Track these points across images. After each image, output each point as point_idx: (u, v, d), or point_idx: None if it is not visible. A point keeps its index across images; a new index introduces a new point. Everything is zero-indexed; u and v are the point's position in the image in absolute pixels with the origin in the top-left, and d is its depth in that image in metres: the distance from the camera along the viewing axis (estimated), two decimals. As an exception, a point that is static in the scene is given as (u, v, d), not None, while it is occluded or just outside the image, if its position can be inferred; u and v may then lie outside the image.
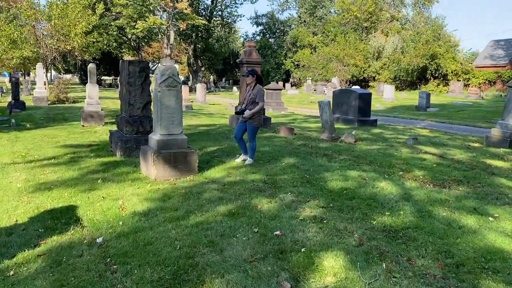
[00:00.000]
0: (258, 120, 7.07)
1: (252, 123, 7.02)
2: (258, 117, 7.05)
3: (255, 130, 7.09)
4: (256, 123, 7.05)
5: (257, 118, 7.04)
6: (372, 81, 44.95)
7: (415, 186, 5.71)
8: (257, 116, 7.03)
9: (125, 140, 7.69)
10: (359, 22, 49.48)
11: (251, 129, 7.03)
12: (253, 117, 6.99)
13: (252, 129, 7.03)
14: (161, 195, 5.02)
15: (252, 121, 7.01)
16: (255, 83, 7.13)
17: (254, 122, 7.02)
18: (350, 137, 10.06)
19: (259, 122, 7.10)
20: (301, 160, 7.29)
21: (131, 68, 7.80)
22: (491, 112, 21.71)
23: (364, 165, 7.09)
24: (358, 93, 14.97)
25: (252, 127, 7.03)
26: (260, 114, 7.11)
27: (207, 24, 46.72)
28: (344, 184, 5.63)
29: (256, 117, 7.01)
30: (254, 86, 7.12)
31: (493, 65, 39.99)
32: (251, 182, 5.71)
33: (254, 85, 7.12)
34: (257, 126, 7.10)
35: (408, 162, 7.48)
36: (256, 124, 7.06)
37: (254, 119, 7.01)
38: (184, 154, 6.13)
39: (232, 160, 7.24)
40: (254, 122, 7.02)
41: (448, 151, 8.93)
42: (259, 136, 10.21)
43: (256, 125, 7.05)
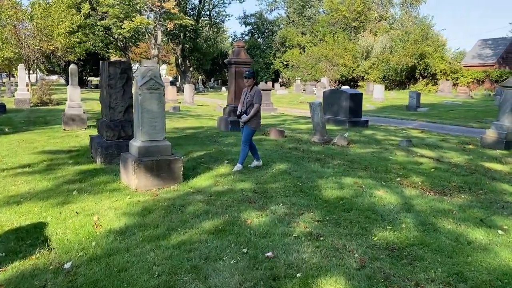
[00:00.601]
0: (256, 123, 6.93)
1: (250, 125, 6.79)
2: (255, 120, 6.89)
3: (252, 133, 6.88)
4: (254, 126, 6.86)
5: (255, 120, 6.88)
6: (361, 80, 44.81)
7: (415, 195, 5.35)
8: (254, 119, 6.85)
9: (105, 146, 7.22)
10: (348, 22, 49.31)
11: (247, 132, 6.78)
12: (251, 120, 6.80)
13: (249, 132, 6.80)
14: (140, 208, 4.58)
15: (250, 124, 6.80)
16: (253, 85, 6.92)
17: (252, 125, 6.82)
18: (343, 139, 9.70)
19: (257, 125, 6.97)
20: (292, 166, 6.90)
21: (111, 70, 7.33)
22: (481, 112, 21.59)
23: (359, 170, 6.72)
24: (349, 94, 14.65)
25: (249, 130, 6.81)
26: (258, 118, 6.97)
27: (195, 24, 46.15)
28: (340, 193, 5.25)
29: (253, 120, 6.83)
30: (252, 88, 6.89)
31: (481, 64, 40.12)
32: (240, 191, 5.29)
33: (252, 87, 6.90)
34: (255, 129, 6.92)
35: (404, 166, 7.14)
36: (254, 127, 6.87)
37: (252, 121, 6.82)
38: (167, 162, 5.70)
39: (220, 166, 6.82)
40: (252, 125, 6.82)
41: (444, 154, 8.63)
42: (248, 140, 9.81)
43: (253, 128, 6.86)
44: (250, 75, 6.86)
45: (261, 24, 59.37)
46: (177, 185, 5.66)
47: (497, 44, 40.98)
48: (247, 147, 6.85)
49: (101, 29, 41.24)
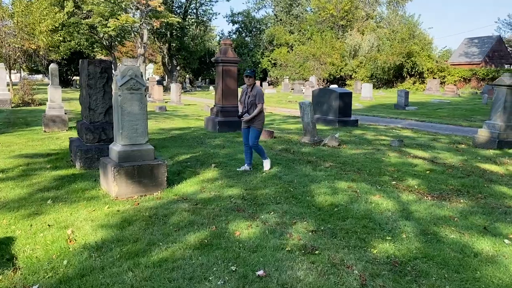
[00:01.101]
0: (261, 123, 6.65)
1: (255, 126, 6.57)
2: (259, 121, 6.63)
3: (259, 134, 6.69)
4: (259, 127, 6.61)
5: (259, 121, 6.63)
6: (349, 79, 44.78)
7: (412, 200, 5.08)
8: (258, 120, 6.61)
9: (85, 150, 6.82)
10: (335, 20, 49.24)
11: (254, 133, 6.58)
12: (255, 120, 6.55)
13: (256, 134, 6.61)
14: (120, 220, 4.21)
15: (255, 125, 6.57)
16: (254, 84, 6.66)
17: (257, 126, 6.61)
18: (334, 140, 9.43)
19: (262, 125, 6.71)
20: (283, 169, 6.59)
21: (91, 69, 6.93)
22: (469, 110, 21.58)
23: (353, 173, 6.44)
24: (339, 93, 14.41)
25: (256, 131, 6.60)
26: (261, 117, 6.68)
27: (182, 22, 45.56)
28: (334, 199, 4.95)
29: (257, 121, 6.60)
30: (253, 87, 6.64)
31: (468, 63, 40.39)
32: (228, 198, 4.96)
33: (252, 86, 6.65)
34: (260, 129, 6.66)
35: (399, 168, 6.88)
36: (260, 127, 6.62)
37: (256, 122, 6.58)
38: (150, 167, 5.34)
39: (207, 169, 6.47)
40: (257, 126, 6.61)
41: (438, 155, 8.40)
42: (237, 141, 9.48)
43: (259, 128, 6.62)
44: (251, 73, 6.58)
45: (248, 22, 59.00)
46: (161, 192, 5.30)
47: (483, 43, 41.29)
48: (259, 146, 6.68)
49: (86, 28, 40.43)
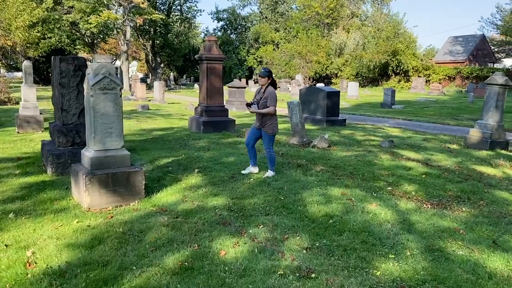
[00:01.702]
0: (272, 128, 6.15)
1: (266, 131, 6.11)
2: (271, 124, 6.13)
3: (271, 139, 6.21)
4: (270, 132, 6.14)
5: (271, 125, 6.13)
6: (334, 77, 44.63)
7: (411, 208, 4.71)
8: (270, 123, 6.11)
9: (57, 154, 6.28)
10: (321, 18, 49.02)
11: (266, 138, 6.16)
12: (266, 123, 6.08)
13: (268, 138, 6.16)
14: (89, 237, 3.73)
15: (266, 129, 6.11)
16: (267, 85, 6.14)
17: (268, 131, 6.12)
18: (323, 141, 9.05)
19: (274, 130, 6.18)
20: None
21: (63, 66, 6.38)
22: (456, 109, 21.51)
23: (345, 178, 6.05)
24: (326, 92, 14.06)
25: (268, 136, 6.15)
26: (274, 121, 6.17)
27: (166, 19, 44.82)
28: (328, 209, 4.55)
29: (269, 124, 6.11)
30: (266, 88, 6.12)
31: (452, 61, 40.59)
32: (213, 209, 4.51)
33: (266, 87, 6.12)
34: (273, 134, 6.17)
35: (393, 172, 6.52)
36: (271, 132, 6.15)
37: (267, 126, 6.10)
38: (126, 175, 4.85)
39: (190, 175, 6.01)
40: (268, 131, 6.12)
41: (431, 156, 8.09)
42: (222, 143, 9.03)
43: (271, 133, 6.15)
44: (265, 73, 6.10)
45: (234, 20, 58.42)
46: (138, 202, 4.83)
47: (468, 41, 41.55)
48: (272, 152, 6.22)
49: (67, 24, 39.31)
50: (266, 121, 6.07)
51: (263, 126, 6.11)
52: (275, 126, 6.14)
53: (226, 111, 11.40)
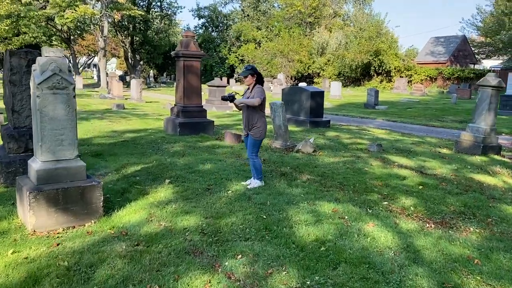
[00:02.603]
0: (259, 132, 5.44)
1: (253, 135, 5.44)
2: (259, 128, 5.42)
3: (256, 144, 5.52)
4: (257, 136, 5.44)
5: (258, 129, 5.42)
6: (316, 77, 44.24)
7: (413, 229, 4.09)
8: (258, 127, 5.41)
9: (6, 162, 5.46)
10: (303, 17, 48.58)
11: (251, 142, 5.49)
12: (254, 128, 5.41)
13: (253, 143, 5.49)
14: (24, 275, 2.97)
15: (253, 133, 5.43)
16: (254, 83, 5.43)
17: (255, 135, 5.43)
18: (308, 145, 8.41)
19: (261, 135, 5.48)
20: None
21: (14, 61, 5.56)
22: (440, 110, 21.24)
23: (335, 189, 5.42)
24: (310, 92, 13.46)
25: (253, 140, 5.47)
26: (262, 124, 5.45)
27: (145, 15, 43.62)
28: (319, 232, 3.88)
29: (257, 128, 5.40)
30: (253, 88, 5.43)
31: (434, 62, 40.64)
32: (182, 233, 3.80)
33: (253, 86, 5.44)
34: (259, 139, 5.48)
35: (386, 182, 5.92)
36: (258, 137, 5.45)
37: (254, 129, 5.40)
38: (80, 190, 4.09)
39: (160, 186, 5.27)
40: (255, 135, 5.43)
41: (423, 163, 7.54)
42: (199, 147, 8.30)
43: (257, 138, 5.46)
44: (247, 72, 5.35)
45: (215, 17, 57.47)
46: (95, 222, 4.08)
47: (449, 42, 41.68)
48: (257, 160, 5.51)
49: (42, 19, 37.70)
50: (254, 124, 5.37)
51: (250, 129, 5.42)
52: (262, 130, 5.43)
53: (204, 111, 10.66)
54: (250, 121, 5.38)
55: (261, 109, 5.40)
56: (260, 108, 5.37)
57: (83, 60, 72.77)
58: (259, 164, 5.50)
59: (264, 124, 5.43)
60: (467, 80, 35.57)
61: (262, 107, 5.40)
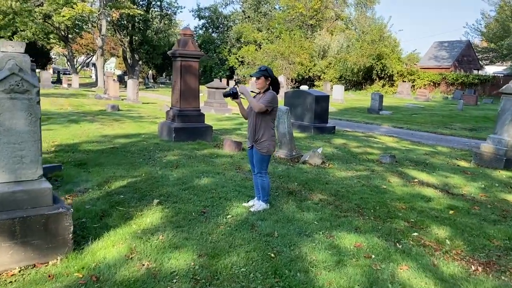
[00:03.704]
0: (267, 146, 4.58)
1: (260, 150, 4.59)
2: (266, 141, 4.57)
3: (264, 159, 4.65)
4: (264, 151, 4.58)
5: (265, 142, 4.57)
6: (317, 80, 43.49)
7: (458, 275, 3.29)
8: (265, 140, 4.55)
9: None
10: (305, 19, 47.87)
11: (258, 158, 4.64)
12: (260, 141, 4.57)
13: (260, 159, 4.63)
14: None
15: (259, 147, 4.59)
16: (267, 88, 4.58)
17: (262, 150, 4.58)
18: (316, 156, 7.60)
19: (269, 149, 4.61)
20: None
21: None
22: (447, 117, 20.48)
23: (353, 214, 4.61)
24: (315, 96, 12.70)
25: (260, 156, 4.62)
26: (271, 137, 4.59)
27: (145, 15, 42.88)
28: (344, 281, 3.07)
29: (263, 141, 4.56)
30: (265, 92, 4.58)
31: (438, 67, 39.92)
32: (169, 279, 2.99)
33: (265, 90, 4.60)
34: (267, 154, 4.63)
35: (411, 204, 5.12)
36: (265, 152, 4.59)
37: (260, 142, 4.56)
38: (43, 219, 3.28)
39: (146, 208, 4.46)
40: (262, 150, 4.58)
41: (445, 179, 6.74)
42: (196, 156, 7.49)
43: (265, 153, 4.59)
44: (260, 72, 4.51)
45: (215, 18, 56.72)
46: (61, 258, 3.26)
47: (453, 47, 40.98)
48: (266, 177, 4.66)
49: (40, 16, 36.81)
50: (261, 136, 4.53)
51: (256, 141, 4.58)
52: (270, 144, 4.57)
53: (202, 116, 9.85)
54: (256, 131, 4.55)
55: (271, 119, 4.59)
56: (270, 117, 4.55)
57: (81, 59, 71.96)
58: (268, 184, 4.67)
59: (272, 137, 4.60)
60: (472, 86, 34.85)
61: (272, 116, 4.59)
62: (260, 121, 4.51)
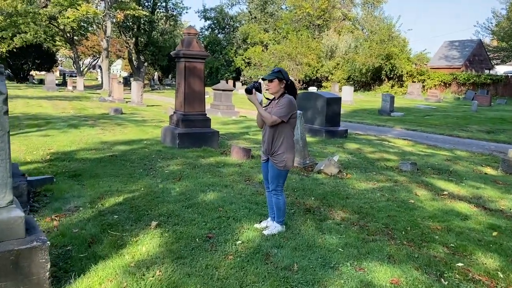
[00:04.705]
0: (284, 160, 3.91)
1: (276, 164, 3.93)
2: (283, 154, 3.90)
3: (281, 175, 3.98)
4: (281, 166, 3.93)
5: (282, 155, 3.90)
6: (325, 81, 42.78)
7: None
8: (282, 152, 3.89)
9: None
10: (312, 20, 47.19)
11: (274, 173, 3.98)
12: (277, 154, 3.91)
13: (277, 174, 3.97)
14: None
15: (275, 161, 3.93)
16: (282, 91, 3.92)
17: (278, 164, 3.92)
18: (333, 165, 6.96)
19: (287, 164, 3.94)
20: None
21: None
22: (461, 118, 19.72)
23: (383, 237, 3.97)
24: (326, 98, 12.07)
25: (277, 171, 3.95)
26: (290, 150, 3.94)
27: (150, 16, 42.45)
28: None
29: (280, 154, 3.90)
30: (281, 97, 3.92)
31: (448, 67, 39.03)
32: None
33: (280, 96, 3.93)
34: (284, 169, 3.96)
35: (446, 224, 4.47)
36: (282, 166, 3.93)
37: (276, 155, 3.91)
38: (12, 256, 2.67)
39: (143, 233, 3.85)
40: (278, 164, 3.92)
41: (477, 191, 6.07)
42: (201, 165, 6.89)
43: (282, 167, 3.94)
44: (273, 75, 3.88)
45: (221, 19, 56.24)
46: (34, 305, 2.66)
47: (464, 46, 40.08)
48: (282, 195, 4.01)
49: (44, 19, 36.47)
50: (278, 147, 3.87)
51: (272, 154, 3.93)
52: (289, 157, 3.90)
53: (208, 120, 9.24)
54: (273, 142, 3.90)
55: (291, 128, 3.94)
56: (289, 126, 3.91)
57: (87, 61, 71.77)
58: (284, 203, 4.03)
59: (291, 149, 3.94)
60: (483, 86, 33.95)
61: (292, 124, 3.93)
62: (278, 130, 3.87)
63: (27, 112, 15.40)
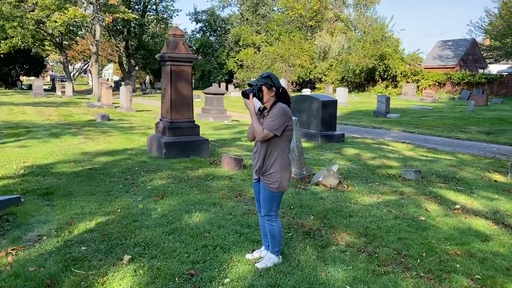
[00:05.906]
0: (278, 180, 3.31)
1: (268, 185, 3.34)
2: (276, 173, 3.30)
3: (274, 198, 3.38)
4: (275, 187, 3.32)
5: (275, 174, 3.30)
6: (318, 82, 42.30)
7: None
8: (275, 172, 3.29)
9: None
10: (304, 21, 46.74)
11: (266, 196, 3.38)
12: (269, 173, 3.32)
13: (270, 197, 3.37)
14: None
15: (267, 181, 3.34)
16: (274, 100, 3.31)
17: (271, 185, 3.32)
18: (332, 176, 6.37)
19: (281, 184, 3.33)
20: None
21: None
22: (459, 119, 19.28)
23: (396, 268, 3.40)
24: (322, 101, 11.50)
25: (269, 193, 3.36)
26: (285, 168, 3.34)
27: (140, 19, 41.81)
28: None
29: (273, 173, 3.30)
30: (273, 106, 3.30)
31: (442, 66, 38.71)
32: None
33: (273, 104, 3.31)
34: (278, 190, 3.35)
35: (466, 248, 3.90)
36: (276, 187, 3.32)
37: (268, 175, 3.32)
38: None
39: (112, 270, 3.24)
40: (271, 185, 3.32)
41: (492, 204, 5.52)
42: (188, 177, 6.29)
43: (275, 189, 3.33)
44: (261, 81, 3.25)
45: (213, 21, 55.66)
46: None
47: (458, 46, 39.79)
48: (276, 221, 3.41)
49: (32, 23, 35.64)
50: (270, 165, 3.29)
51: (264, 173, 3.33)
52: (283, 176, 3.31)
53: (197, 128, 8.64)
54: (265, 159, 3.30)
55: (286, 142, 3.33)
56: (284, 139, 3.30)
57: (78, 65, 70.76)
58: (279, 231, 3.42)
59: (286, 167, 3.33)
60: (478, 86, 33.62)
61: (287, 137, 3.32)
62: (271, 145, 3.27)
63: (9, 120, 14.71)
